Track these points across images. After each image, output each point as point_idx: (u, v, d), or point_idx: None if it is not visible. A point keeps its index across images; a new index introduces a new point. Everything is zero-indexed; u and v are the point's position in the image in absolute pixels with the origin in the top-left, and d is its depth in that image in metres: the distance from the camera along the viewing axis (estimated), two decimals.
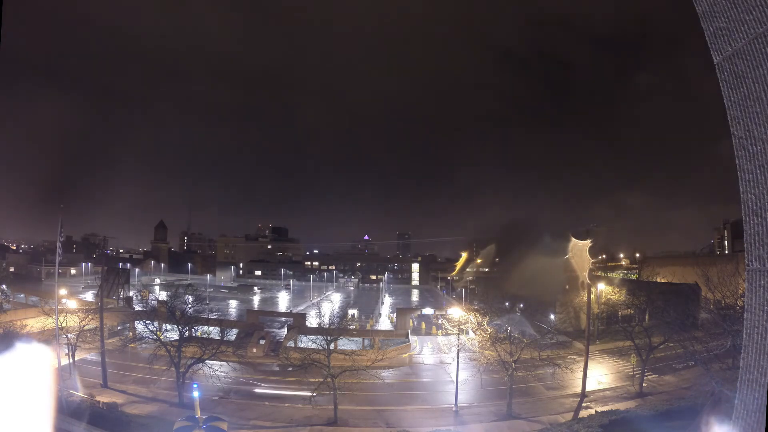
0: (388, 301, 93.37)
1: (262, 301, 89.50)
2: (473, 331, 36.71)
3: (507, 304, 53.80)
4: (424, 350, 48.22)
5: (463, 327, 38.91)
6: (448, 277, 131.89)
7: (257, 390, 35.23)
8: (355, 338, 49.18)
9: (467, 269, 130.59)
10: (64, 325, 35.99)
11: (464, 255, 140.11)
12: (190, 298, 42.61)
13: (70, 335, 35.92)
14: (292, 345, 44.99)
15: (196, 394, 22.75)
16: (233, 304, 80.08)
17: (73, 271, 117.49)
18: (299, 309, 71.41)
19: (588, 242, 71.52)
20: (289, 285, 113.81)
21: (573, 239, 71.85)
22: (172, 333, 39.79)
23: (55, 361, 35.23)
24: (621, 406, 29.37)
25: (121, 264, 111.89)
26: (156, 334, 36.92)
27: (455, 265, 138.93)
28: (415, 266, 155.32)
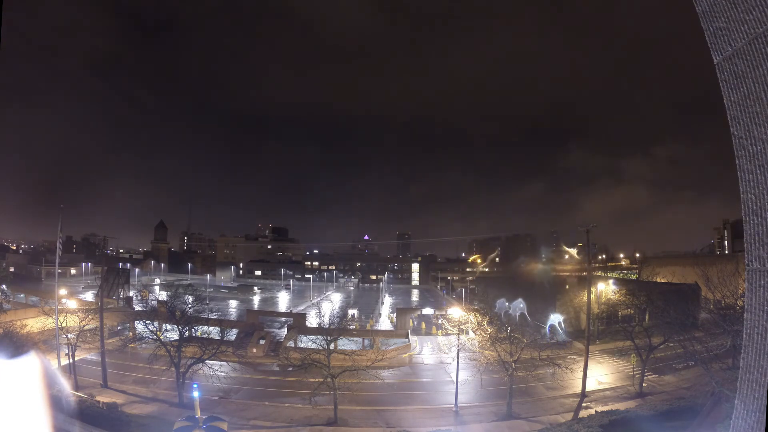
0: (388, 301, 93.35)
1: (262, 301, 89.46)
2: (473, 331, 36.67)
3: (507, 303, 54.03)
4: (424, 350, 48.20)
5: (463, 327, 38.87)
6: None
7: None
8: (355, 338, 49.17)
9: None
10: (64, 325, 35.97)
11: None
12: (190, 298, 42.58)
13: (70, 335, 35.87)
14: (292, 345, 44.98)
15: (196, 394, 22.73)
16: (233, 304, 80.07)
17: (73, 271, 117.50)
18: (299, 309, 71.39)
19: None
20: (289, 285, 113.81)
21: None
22: (172, 333, 39.77)
23: (56, 361, 35.30)
24: (621, 406, 29.36)
25: (121, 264, 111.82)
26: (156, 334, 36.87)
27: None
28: (415, 266, 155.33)
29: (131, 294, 70.84)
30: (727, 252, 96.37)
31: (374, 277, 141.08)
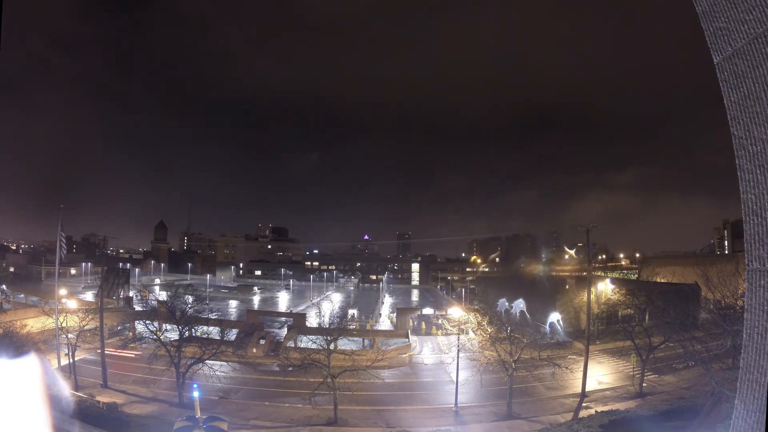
0: (388, 301, 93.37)
1: (262, 301, 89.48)
2: (473, 331, 36.67)
3: (507, 303, 54.05)
4: (424, 350, 48.20)
5: (463, 327, 38.87)
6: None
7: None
8: (355, 338, 49.18)
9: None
10: (64, 325, 35.98)
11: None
12: (190, 298, 42.59)
13: (70, 335, 35.89)
14: (292, 345, 44.98)
15: (196, 394, 22.73)
16: (233, 304, 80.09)
17: (73, 271, 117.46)
18: (299, 309, 71.40)
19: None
20: (289, 285, 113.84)
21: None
22: (172, 333, 39.77)
23: (56, 361, 35.30)
24: (621, 406, 29.36)
25: (121, 264, 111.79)
26: (156, 334, 36.89)
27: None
28: (415, 266, 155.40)
29: (131, 294, 70.84)
30: (727, 252, 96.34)
31: (374, 277, 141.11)
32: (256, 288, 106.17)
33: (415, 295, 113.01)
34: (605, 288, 55.33)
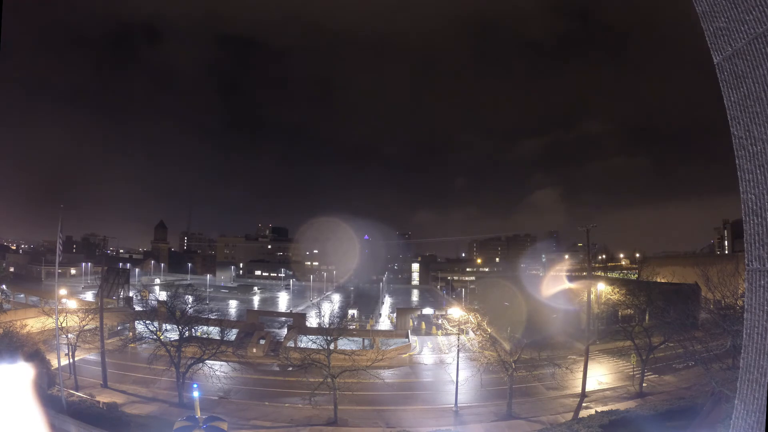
0: (388, 301, 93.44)
1: (262, 301, 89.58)
2: (473, 331, 36.67)
3: (506, 303, 54.03)
4: (424, 350, 48.21)
5: (463, 327, 38.86)
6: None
7: None
8: (355, 338, 49.22)
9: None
10: (64, 325, 35.95)
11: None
12: (190, 298, 42.61)
13: (70, 335, 35.89)
14: (292, 345, 44.99)
15: (196, 394, 22.75)
16: (233, 304, 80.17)
17: (73, 271, 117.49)
18: (299, 309, 71.45)
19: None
20: (289, 285, 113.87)
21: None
22: (172, 333, 39.78)
23: (55, 361, 35.32)
24: (621, 406, 29.36)
25: (121, 264, 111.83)
26: (156, 334, 36.90)
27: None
28: (415, 266, 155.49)
29: (131, 294, 70.87)
30: (727, 252, 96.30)
31: (374, 277, 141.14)
32: (256, 288, 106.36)
33: (415, 295, 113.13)
34: (604, 288, 55.26)
